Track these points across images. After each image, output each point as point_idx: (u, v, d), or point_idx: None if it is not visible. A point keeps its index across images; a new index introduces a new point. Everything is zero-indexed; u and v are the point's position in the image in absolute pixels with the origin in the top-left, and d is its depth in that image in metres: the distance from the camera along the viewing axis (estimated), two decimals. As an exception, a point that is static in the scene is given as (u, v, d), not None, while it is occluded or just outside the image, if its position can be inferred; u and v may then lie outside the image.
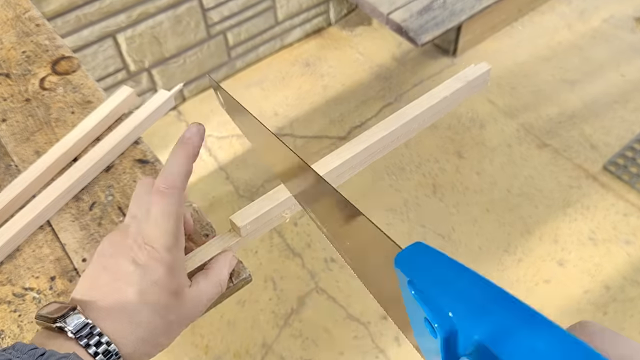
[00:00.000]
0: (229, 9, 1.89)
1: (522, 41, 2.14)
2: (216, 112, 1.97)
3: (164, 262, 0.43)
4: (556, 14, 2.24)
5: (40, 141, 0.63)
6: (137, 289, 0.41)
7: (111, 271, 0.43)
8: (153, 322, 0.42)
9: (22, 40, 0.74)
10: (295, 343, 1.41)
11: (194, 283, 0.46)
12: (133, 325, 0.41)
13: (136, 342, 0.41)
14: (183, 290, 0.44)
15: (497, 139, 1.81)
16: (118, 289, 0.42)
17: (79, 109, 0.65)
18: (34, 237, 0.56)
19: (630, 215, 1.59)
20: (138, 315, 0.41)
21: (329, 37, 2.23)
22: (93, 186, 0.59)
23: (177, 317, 0.43)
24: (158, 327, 0.42)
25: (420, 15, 1.90)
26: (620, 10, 2.23)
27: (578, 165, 1.72)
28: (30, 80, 0.69)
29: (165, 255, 0.43)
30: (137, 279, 0.42)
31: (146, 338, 0.41)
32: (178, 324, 0.44)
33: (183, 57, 1.89)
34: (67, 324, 0.39)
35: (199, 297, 0.45)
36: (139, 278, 0.42)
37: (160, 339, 0.43)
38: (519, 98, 1.93)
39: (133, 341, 0.41)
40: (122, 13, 1.65)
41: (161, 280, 0.42)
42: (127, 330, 0.41)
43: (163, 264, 0.43)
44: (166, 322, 0.43)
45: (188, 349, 1.41)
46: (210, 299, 0.47)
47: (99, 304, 0.41)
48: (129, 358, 0.41)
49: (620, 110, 1.86)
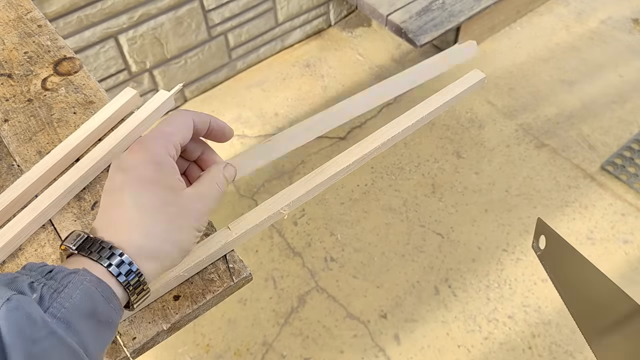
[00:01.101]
0: (230, 10, 1.90)
1: (521, 42, 2.15)
2: (217, 113, 1.97)
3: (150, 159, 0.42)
4: (554, 16, 2.25)
5: (42, 141, 0.63)
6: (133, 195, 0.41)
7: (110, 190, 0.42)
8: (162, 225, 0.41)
9: (24, 41, 0.75)
10: (295, 341, 1.42)
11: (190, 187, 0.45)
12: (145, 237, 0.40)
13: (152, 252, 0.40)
14: (181, 186, 0.43)
15: (495, 139, 1.82)
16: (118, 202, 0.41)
17: (81, 110, 0.66)
18: (36, 236, 0.56)
19: (628, 214, 1.59)
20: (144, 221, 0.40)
21: (329, 38, 2.24)
22: (95, 185, 0.59)
23: (178, 210, 0.42)
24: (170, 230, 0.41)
25: (420, 16, 1.91)
26: (617, 11, 2.23)
27: (576, 165, 1.73)
28: (32, 80, 0.69)
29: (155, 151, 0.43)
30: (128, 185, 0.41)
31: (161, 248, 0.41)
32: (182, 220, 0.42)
33: (184, 58, 1.90)
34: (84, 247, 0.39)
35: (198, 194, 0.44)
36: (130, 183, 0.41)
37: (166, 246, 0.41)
38: (518, 99, 1.94)
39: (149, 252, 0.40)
40: (124, 14, 1.66)
41: (152, 179, 0.41)
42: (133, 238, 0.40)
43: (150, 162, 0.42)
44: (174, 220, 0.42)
45: (189, 347, 1.42)
46: (210, 198, 0.45)
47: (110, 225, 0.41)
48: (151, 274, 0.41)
49: (618, 111, 1.87)
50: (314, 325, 1.45)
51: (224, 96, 2.04)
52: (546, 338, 1.39)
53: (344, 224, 1.64)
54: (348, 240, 1.60)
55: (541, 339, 1.39)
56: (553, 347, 1.37)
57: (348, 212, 1.66)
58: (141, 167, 0.42)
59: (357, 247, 1.58)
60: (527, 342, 1.38)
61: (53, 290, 0.34)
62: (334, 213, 1.66)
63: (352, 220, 1.65)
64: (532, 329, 1.40)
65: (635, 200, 1.62)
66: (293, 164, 1.79)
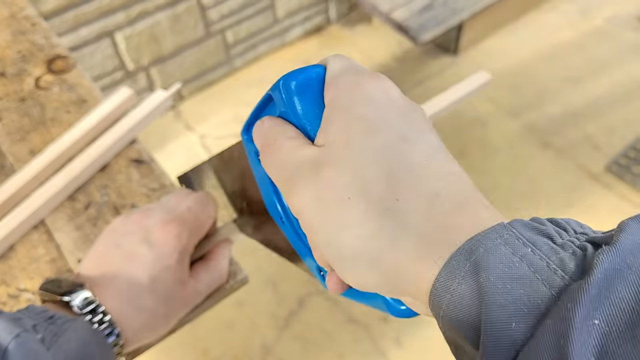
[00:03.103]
0: (228, 7, 1.88)
1: (524, 40, 2.13)
2: (215, 111, 1.96)
3: (178, 248, 0.43)
4: (559, 13, 2.23)
5: (35, 141, 0.62)
6: (148, 273, 0.41)
7: (124, 249, 0.42)
8: (157, 310, 0.42)
9: (18, 39, 0.74)
10: (295, 345, 1.40)
11: (194, 274, 0.46)
12: (137, 310, 0.41)
13: (138, 327, 0.41)
14: (187, 280, 0.44)
15: (499, 139, 1.80)
16: (129, 270, 0.41)
17: (75, 109, 0.65)
18: (28, 237, 0.55)
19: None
20: (145, 300, 0.41)
21: (329, 35, 2.22)
22: (88, 186, 0.58)
23: (178, 307, 0.44)
24: (160, 315, 0.42)
25: (421, 13, 1.88)
26: (623, 9, 2.22)
27: (581, 166, 1.71)
28: (25, 79, 0.68)
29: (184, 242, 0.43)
30: (150, 263, 0.41)
31: (148, 324, 0.41)
32: (177, 313, 0.44)
33: (182, 56, 1.88)
34: (73, 298, 0.39)
35: (199, 287, 0.45)
36: (152, 262, 0.42)
37: (160, 328, 0.43)
38: (522, 97, 1.92)
39: (135, 327, 0.41)
40: (121, 12, 1.64)
41: (173, 267, 0.42)
42: (132, 314, 0.40)
43: (177, 251, 0.43)
44: (168, 311, 0.43)
45: (186, 351, 1.40)
46: (209, 290, 0.47)
47: (107, 283, 0.41)
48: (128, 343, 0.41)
49: (623, 110, 1.85)
50: (314, 329, 1.43)
51: (222, 95, 2.02)
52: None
53: (345, 224, 1.62)
54: (349, 241, 1.58)
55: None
56: (558, 351, 1.35)
57: (349, 213, 1.65)
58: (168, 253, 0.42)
59: (358, 248, 1.57)
60: (532, 345, 1.37)
61: (53, 333, 0.36)
62: (335, 213, 1.64)
63: (353, 220, 1.63)
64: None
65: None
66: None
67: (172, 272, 0.42)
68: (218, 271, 0.48)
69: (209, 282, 0.46)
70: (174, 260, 0.42)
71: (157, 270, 0.42)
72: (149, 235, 0.43)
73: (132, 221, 0.44)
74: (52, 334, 0.35)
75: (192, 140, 1.87)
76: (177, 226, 0.44)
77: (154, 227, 0.43)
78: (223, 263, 0.48)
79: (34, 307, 0.38)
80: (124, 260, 0.42)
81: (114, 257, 0.42)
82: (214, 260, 0.48)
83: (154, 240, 0.42)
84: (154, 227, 0.43)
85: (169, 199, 0.47)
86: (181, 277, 0.43)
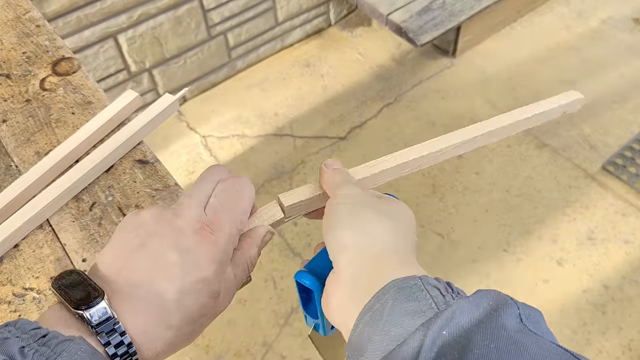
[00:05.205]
0: (230, 9, 1.89)
1: (521, 42, 2.14)
2: (217, 112, 1.97)
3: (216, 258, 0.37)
4: (555, 15, 2.25)
5: (40, 142, 0.63)
6: (178, 286, 0.35)
7: (151, 252, 0.36)
8: (183, 329, 0.36)
9: (23, 41, 0.74)
10: (295, 342, 1.42)
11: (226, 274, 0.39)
12: (164, 328, 0.35)
13: (162, 346, 0.35)
14: (221, 292, 0.38)
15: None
16: (156, 280, 0.35)
17: (80, 110, 0.65)
18: (34, 237, 0.55)
19: (629, 214, 1.59)
20: (171, 318, 0.35)
21: (329, 37, 2.24)
22: (93, 186, 0.59)
23: (207, 320, 0.38)
24: (185, 334, 0.36)
25: (420, 16, 1.90)
26: (618, 11, 2.23)
27: (577, 165, 1.72)
28: (30, 81, 0.69)
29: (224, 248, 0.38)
30: (180, 273, 0.35)
31: (171, 344, 0.36)
32: (203, 329, 0.39)
33: (184, 57, 1.90)
34: (91, 316, 0.33)
35: (230, 290, 0.40)
36: (183, 273, 0.36)
37: (185, 342, 0.37)
38: (518, 98, 1.93)
39: (159, 346, 0.35)
40: (123, 14, 1.66)
41: (208, 280, 0.36)
42: (157, 332, 0.35)
43: (214, 261, 0.37)
44: (196, 328, 0.37)
45: (189, 348, 1.42)
46: (238, 286, 0.41)
47: (130, 292, 0.35)
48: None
49: (619, 111, 1.86)
50: (314, 326, 1.44)
51: (223, 96, 2.04)
52: (547, 339, 1.38)
53: (344, 224, 1.63)
54: (348, 241, 1.59)
55: (542, 339, 1.38)
56: (554, 348, 1.36)
57: (348, 212, 1.66)
58: (203, 265, 0.36)
59: (357, 248, 1.58)
60: (528, 342, 1.38)
61: (45, 358, 0.31)
62: (334, 213, 1.65)
63: (352, 220, 1.64)
64: (533, 330, 1.40)
65: (636, 200, 1.61)
66: (293, 164, 1.78)
67: (206, 286, 0.36)
68: (245, 261, 0.41)
69: (237, 280, 0.40)
70: (211, 272, 0.36)
71: (188, 283, 0.35)
72: (181, 240, 0.37)
73: (162, 219, 0.38)
74: (43, 358, 0.30)
75: (194, 140, 1.89)
76: (213, 229, 0.38)
77: (186, 230, 0.37)
78: (251, 252, 0.42)
79: (25, 324, 0.32)
80: (151, 266, 0.36)
81: (138, 259, 0.36)
82: (240, 249, 0.41)
83: (186, 246, 0.36)
84: (187, 230, 0.37)
85: (201, 188, 0.41)
86: (217, 290, 0.37)
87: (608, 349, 1.36)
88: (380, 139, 1.84)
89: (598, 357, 1.35)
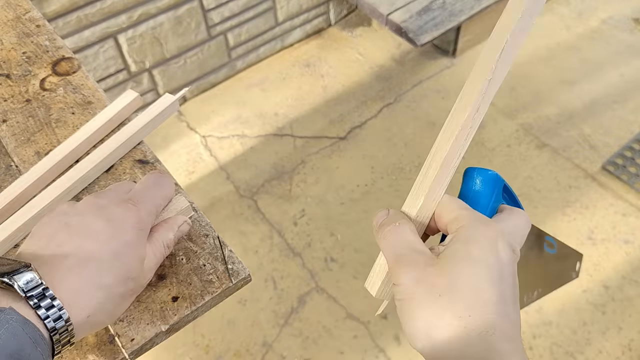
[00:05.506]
0: (230, 9, 1.89)
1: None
2: (217, 112, 1.97)
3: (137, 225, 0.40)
4: (555, 15, 2.25)
5: (40, 142, 0.63)
6: (109, 248, 0.38)
7: (75, 228, 0.39)
8: (115, 289, 0.38)
9: (23, 41, 0.74)
10: (295, 342, 1.42)
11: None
12: (95, 288, 0.37)
13: (94, 307, 0.37)
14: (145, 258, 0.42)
15: (496, 139, 1.81)
16: (85, 246, 0.38)
17: (80, 110, 0.66)
18: None
19: (629, 215, 1.59)
20: (104, 276, 0.38)
21: (329, 37, 2.24)
22: (93, 186, 0.59)
23: (135, 286, 0.41)
24: (117, 295, 0.39)
25: (420, 16, 1.90)
26: (618, 11, 2.23)
27: (577, 165, 1.72)
28: (30, 81, 0.69)
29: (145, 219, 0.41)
30: (109, 237, 0.39)
31: (103, 305, 0.38)
32: (133, 293, 0.41)
33: (184, 57, 1.90)
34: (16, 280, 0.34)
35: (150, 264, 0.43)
36: (111, 236, 0.39)
37: (116, 308, 0.40)
38: (518, 98, 1.94)
39: (91, 306, 0.37)
40: (123, 14, 1.66)
41: (133, 243, 0.40)
42: (88, 293, 0.37)
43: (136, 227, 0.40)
44: (126, 291, 0.40)
45: (189, 348, 1.42)
46: (157, 264, 0.44)
47: (58, 262, 0.37)
48: (80, 326, 0.37)
49: (619, 111, 1.86)
50: (314, 326, 1.44)
51: (223, 96, 2.04)
52: (547, 339, 1.39)
53: (344, 224, 1.64)
54: (348, 241, 1.60)
55: (542, 339, 1.38)
56: (554, 348, 1.37)
57: (348, 212, 1.66)
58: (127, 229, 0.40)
59: (357, 248, 1.58)
60: (528, 342, 1.38)
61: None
62: (334, 213, 1.66)
63: (352, 220, 1.64)
64: (532, 330, 1.40)
65: (636, 201, 1.62)
66: (293, 164, 1.78)
67: (132, 249, 0.40)
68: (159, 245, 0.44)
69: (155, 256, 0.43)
70: (134, 235, 0.40)
71: (117, 245, 0.39)
72: (105, 212, 0.40)
73: (84, 203, 0.41)
74: None
75: (194, 140, 1.89)
76: (134, 203, 0.42)
77: (109, 205, 0.41)
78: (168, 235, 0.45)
79: None
80: (78, 237, 0.38)
81: (64, 236, 0.38)
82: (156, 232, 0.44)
83: (110, 216, 0.40)
84: (109, 205, 0.41)
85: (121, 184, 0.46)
86: (141, 255, 0.41)
87: (608, 349, 1.36)
88: (380, 139, 1.84)
89: (598, 357, 1.35)
